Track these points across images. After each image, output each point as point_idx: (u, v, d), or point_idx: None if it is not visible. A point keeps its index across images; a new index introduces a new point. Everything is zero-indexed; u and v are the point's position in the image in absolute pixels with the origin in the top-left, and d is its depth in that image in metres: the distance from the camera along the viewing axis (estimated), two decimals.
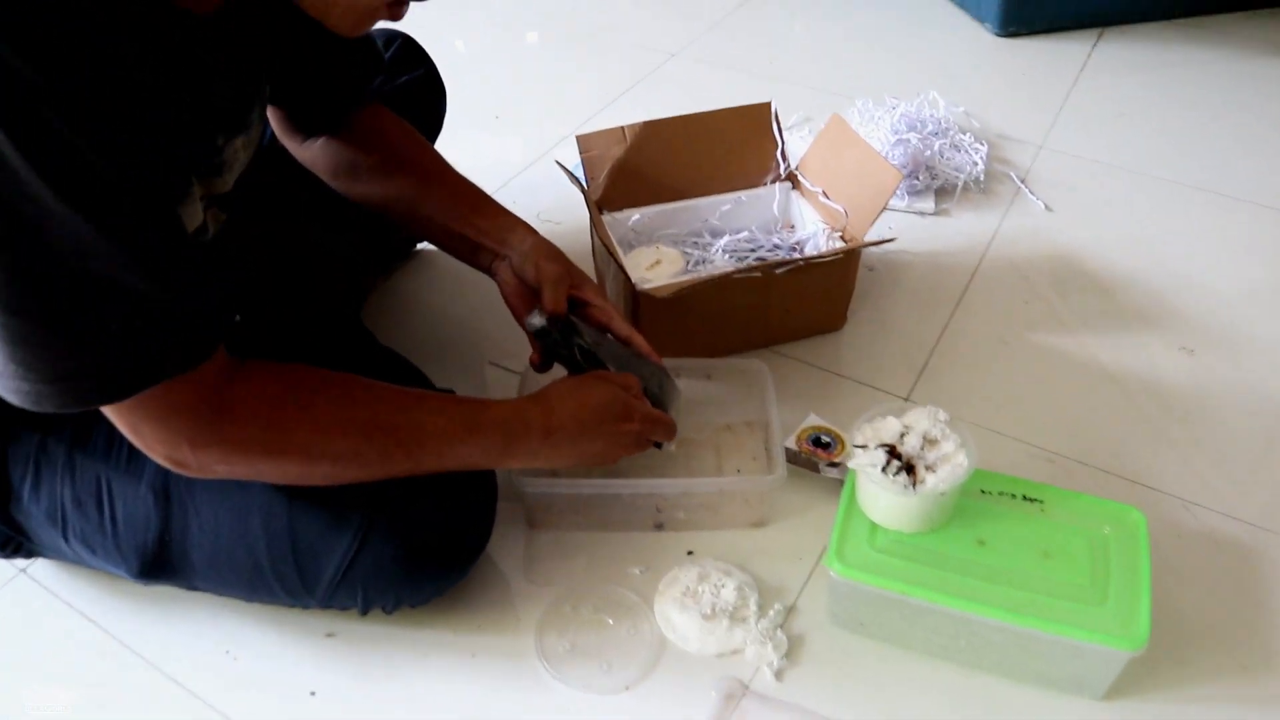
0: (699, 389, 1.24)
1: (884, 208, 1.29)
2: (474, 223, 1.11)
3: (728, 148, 1.43)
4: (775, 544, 1.13)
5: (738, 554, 1.12)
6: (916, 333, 1.41)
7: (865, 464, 0.98)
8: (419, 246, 1.54)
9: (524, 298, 1.10)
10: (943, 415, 1.02)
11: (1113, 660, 0.95)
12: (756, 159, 1.45)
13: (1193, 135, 1.84)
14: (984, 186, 1.68)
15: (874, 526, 1.02)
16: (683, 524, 1.13)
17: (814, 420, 1.27)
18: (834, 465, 1.19)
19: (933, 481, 0.97)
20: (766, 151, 1.44)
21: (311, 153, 1.14)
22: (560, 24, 2.31)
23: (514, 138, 1.87)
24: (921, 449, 1.00)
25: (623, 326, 1.09)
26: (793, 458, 1.18)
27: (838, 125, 1.40)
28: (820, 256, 1.22)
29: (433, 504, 0.94)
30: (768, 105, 1.43)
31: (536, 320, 1.04)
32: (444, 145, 1.38)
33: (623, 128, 1.39)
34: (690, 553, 1.12)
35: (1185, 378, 1.35)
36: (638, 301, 1.23)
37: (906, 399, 1.31)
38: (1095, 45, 2.14)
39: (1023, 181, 1.70)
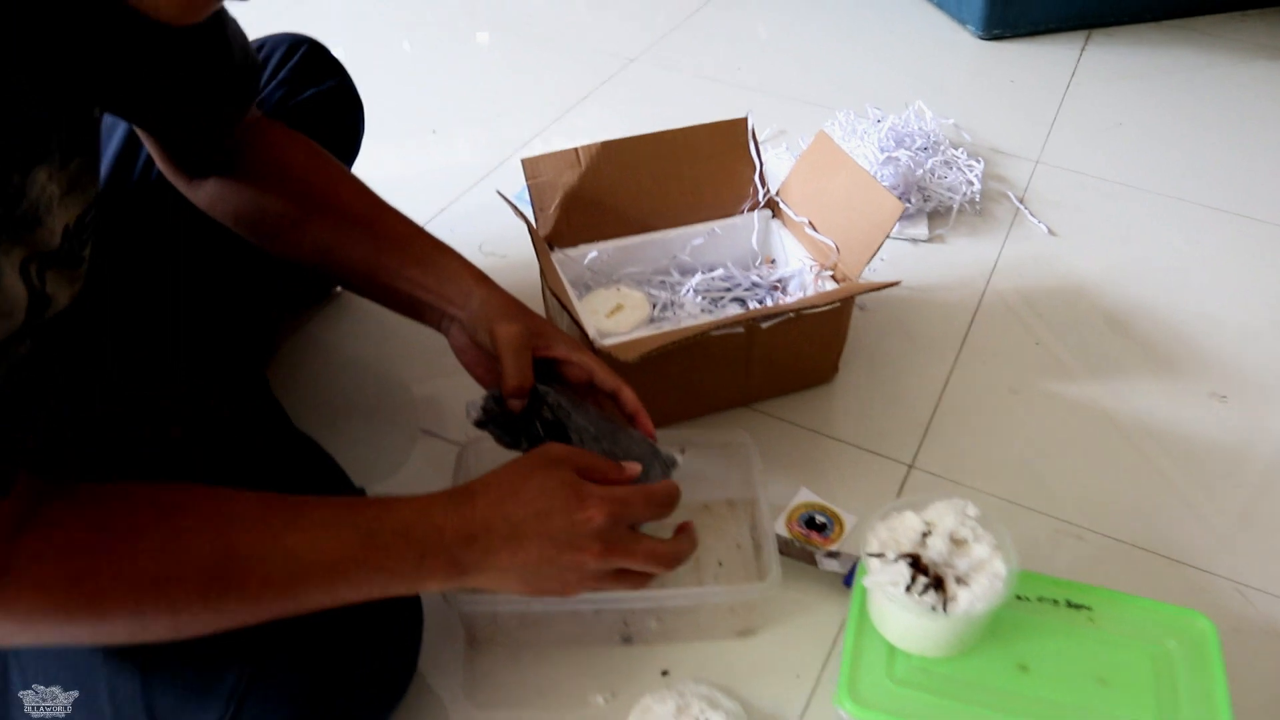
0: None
1: (882, 244, 1.10)
2: (408, 274, 0.90)
3: (698, 171, 1.24)
4: (768, 658, 0.94)
5: (722, 672, 0.93)
6: (917, 383, 1.23)
7: (885, 583, 0.79)
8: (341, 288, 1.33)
9: (486, 366, 0.90)
10: (972, 510, 0.84)
11: None
12: (731, 184, 1.25)
13: (1198, 148, 1.69)
14: (980, 208, 1.51)
15: (892, 650, 0.83)
16: (655, 636, 0.94)
17: (806, 496, 1.08)
18: (833, 555, 1.00)
19: (967, 600, 0.78)
20: (743, 175, 1.25)
21: (207, 196, 0.93)
22: (508, 23, 2.10)
23: (452, 156, 1.66)
24: (949, 554, 0.82)
25: (608, 379, 0.89)
26: (784, 547, 0.99)
27: (824, 144, 1.22)
28: (813, 304, 1.03)
29: (333, 646, 0.74)
30: (743, 121, 1.24)
31: (475, 411, 0.84)
32: (367, 166, 1.18)
33: (576, 149, 1.19)
34: (665, 673, 0.93)
35: (1221, 430, 1.18)
36: None
37: (910, 465, 1.13)
38: (1083, 49, 1.98)
39: (1021, 202, 1.53)
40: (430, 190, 1.54)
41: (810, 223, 1.20)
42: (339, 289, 1.32)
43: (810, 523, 1.06)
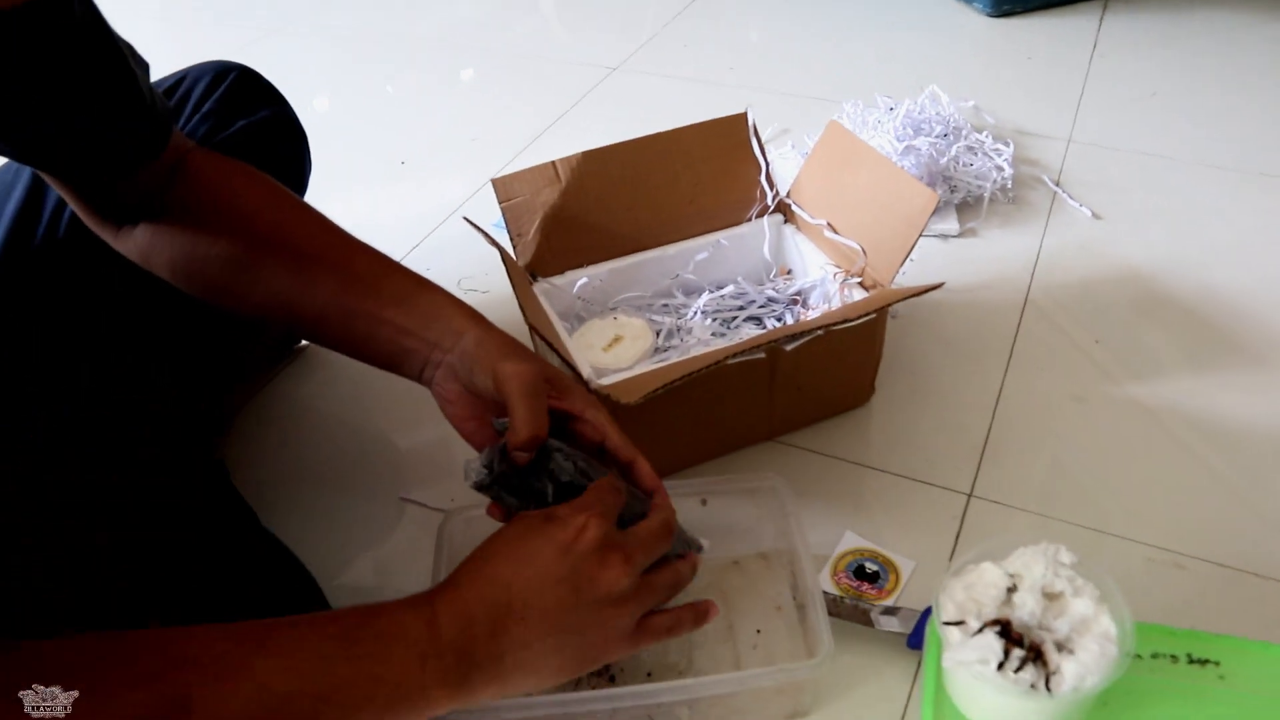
0: (690, 515, 0.87)
1: (916, 242, 0.95)
2: (385, 317, 0.75)
3: (696, 176, 1.09)
4: None
5: None
6: (966, 398, 1.07)
7: (972, 661, 0.63)
8: (306, 342, 1.18)
9: (475, 415, 0.75)
10: (1066, 556, 0.68)
11: None
12: (734, 188, 1.10)
13: (1244, 112, 1.54)
14: (1013, 196, 1.36)
15: None
16: None
17: (852, 542, 0.92)
18: (891, 612, 0.84)
19: (1074, 673, 0.62)
20: (747, 177, 1.10)
21: (137, 246, 0.78)
22: (478, 45, 1.96)
23: (425, 187, 1.51)
24: (1043, 614, 0.66)
25: (624, 447, 0.73)
26: (833, 607, 0.83)
27: (838, 135, 1.07)
28: (844, 317, 0.88)
29: None
30: (743, 117, 1.09)
31: (476, 473, 0.68)
32: (330, 208, 1.04)
33: (554, 163, 1.04)
34: None
35: None
36: None
37: (969, 494, 0.97)
38: (1102, 18, 1.84)
39: (1058, 185, 1.38)
40: (402, 226, 1.39)
41: (830, 224, 1.05)
42: (303, 343, 1.17)
43: (860, 572, 0.90)
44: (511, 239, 1.04)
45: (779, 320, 1.09)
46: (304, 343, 1.17)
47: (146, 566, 0.69)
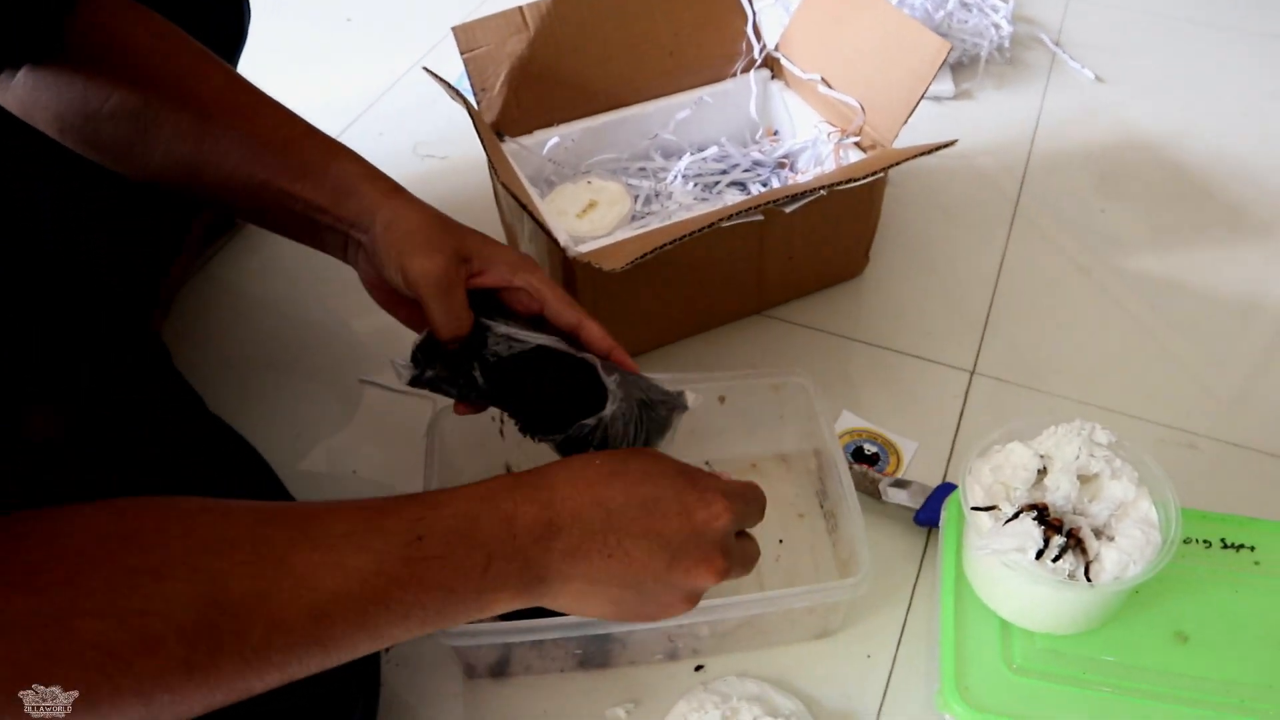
0: (707, 413, 0.79)
1: (923, 96, 0.86)
2: (293, 191, 0.65)
3: (677, 27, 0.98)
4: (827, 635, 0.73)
5: (770, 658, 0.71)
6: (966, 269, 1.00)
7: (1010, 548, 0.57)
8: None
9: (408, 305, 0.67)
10: (1102, 435, 0.62)
11: None
12: (719, 40, 1.00)
13: None
14: (1010, 56, 1.27)
15: (1006, 628, 0.62)
16: (708, 647, 0.71)
17: (850, 422, 0.86)
18: (901, 485, 0.78)
19: (1116, 562, 0.57)
20: (732, 27, 1.00)
21: (19, 97, 0.67)
22: None
23: (375, 45, 1.38)
24: (1077, 498, 0.60)
25: (565, 310, 0.65)
26: None
27: None
28: (849, 177, 0.79)
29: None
30: None
31: (405, 370, 0.61)
32: (275, 71, 0.93)
33: (521, 9, 0.93)
34: (699, 668, 0.71)
35: None
36: (572, 276, 0.79)
37: (972, 371, 0.90)
38: None
39: (1058, 45, 1.29)
40: (350, 90, 1.27)
41: (823, 79, 0.96)
42: None
43: (859, 454, 0.84)
44: (475, 94, 0.93)
45: (764, 185, 1.00)
46: None
47: (93, 451, 0.61)
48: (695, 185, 1.00)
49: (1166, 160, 1.12)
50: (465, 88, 0.94)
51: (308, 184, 0.65)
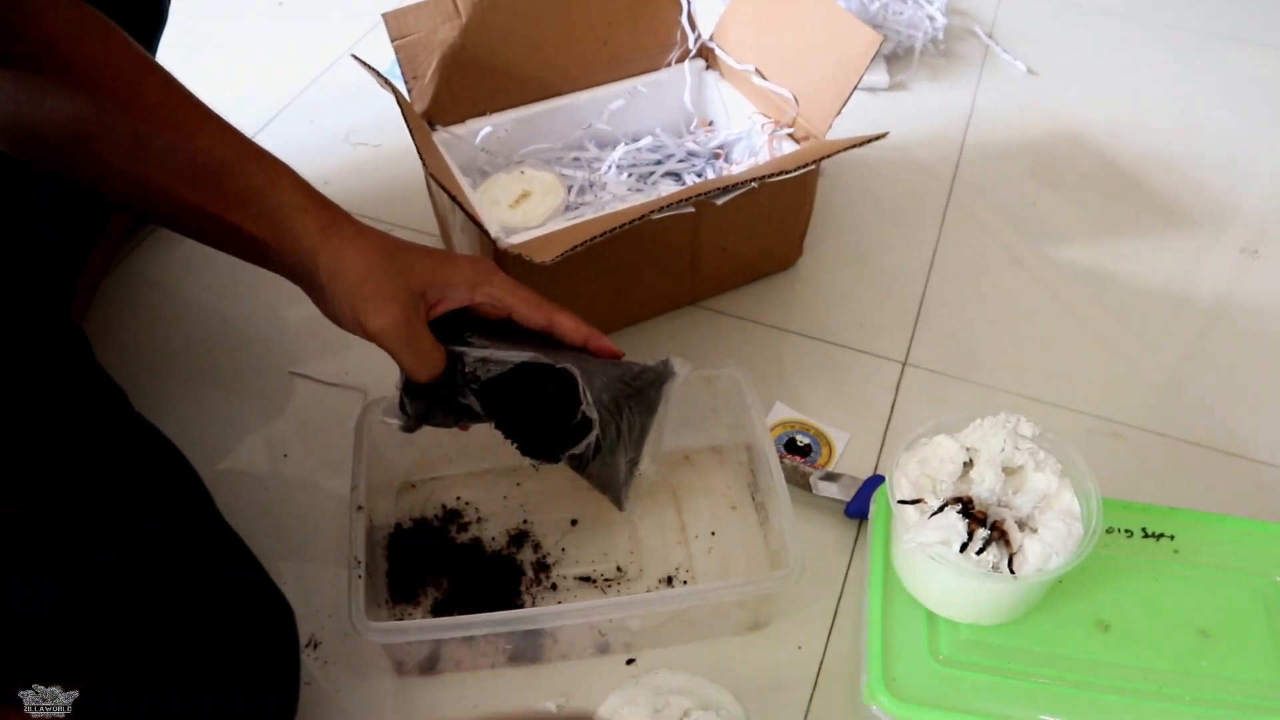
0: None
1: (855, 88, 0.87)
2: (229, 221, 0.63)
3: (609, 15, 0.97)
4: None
5: (701, 650, 0.71)
6: (899, 261, 1.01)
7: (935, 542, 0.57)
8: None
9: None
10: (1027, 428, 0.62)
11: None
12: (653, 29, 1.00)
13: None
14: (944, 48, 1.28)
15: (933, 620, 0.63)
16: (639, 640, 0.71)
17: (782, 413, 0.86)
18: (831, 479, 0.78)
19: (1038, 554, 0.58)
20: (666, 17, 0.99)
21: None
22: None
23: (308, 29, 1.36)
24: (1002, 491, 0.61)
25: (532, 313, 0.65)
26: None
27: None
28: (780, 169, 0.79)
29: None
30: None
31: (395, 418, 0.64)
32: (204, 54, 0.90)
33: None
34: (631, 661, 0.71)
35: (1260, 290, 0.99)
36: (503, 267, 0.78)
37: (904, 362, 0.91)
38: None
39: (990, 37, 1.30)
40: (281, 74, 1.24)
41: (758, 70, 0.95)
42: None
43: (791, 445, 0.84)
44: (406, 82, 0.92)
45: (699, 175, 1.00)
46: None
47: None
48: (630, 176, 0.99)
49: (1098, 152, 1.14)
50: (396, 76, 0.92)
51: (246, 215, 0.63)
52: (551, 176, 0.95)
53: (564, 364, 0.63)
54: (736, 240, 0.91)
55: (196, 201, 0.63)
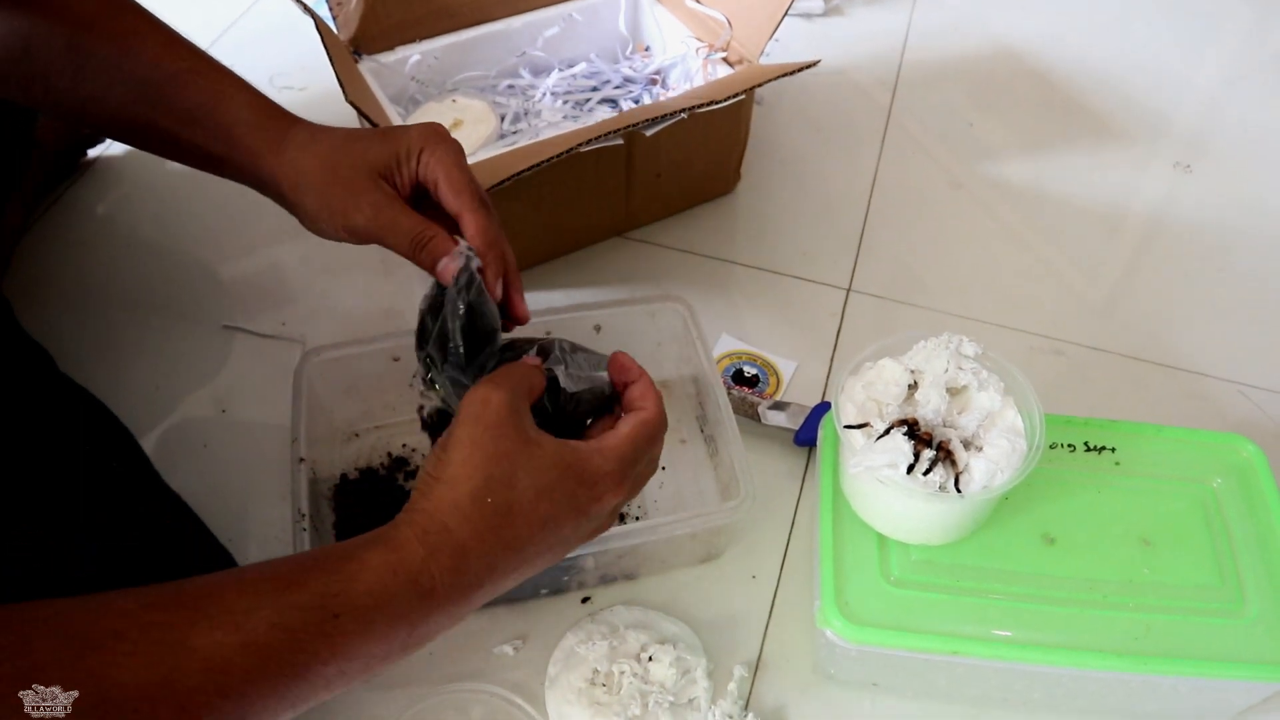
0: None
1: (786, 13, 0.85)
2: (181, 136, 0.61)
3: None
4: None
5: (655, 584, 0.71)
6: (839, 187, 1.00)
7: (882, 465, 0.57)
8: (94, 152, 1.01)
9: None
10: (970, 348, 0.62)
11: (1260, 691, 0.62)
12: None
13: None
14: None
15: (883, 542, 0.63)
16: (592, 578, 0.71)
17: (728, 345, 0.86)
18: (780, 408, 0.78)
19: (984, 472, 0.58)
20: None
21: None
22: None
23: None
24: (947, 411, 0.61)
25: (450, 199, 0.59)
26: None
27: None
28: (709, 98, 0.78)
29: None
30: None
31: (423, 381, 0.58)
32: None
33: None
34: (586, 599, 0.71)
35: (1194, 205, 1.00)
36: None
37: (847, 289, 0.91)
38: None
39: None
40: (200, 12, 1.19)
41: None
42: (90, 155, 1.00)
43: (739, 377, 0.84)
44: (331, 8, 0.88)
45: (636, 101, 0.98)
46: (91, 155, 1.00)
47: None
48: (565, 103, 0.97)
49: (1033, 72, 1.14)
50: (320, 3, 0.89)
51: (197, 130, 0.60)
52: (483, 105, 0.93)
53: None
54: (670, 167, 0.89)
55: (146, 117, 0.61)
